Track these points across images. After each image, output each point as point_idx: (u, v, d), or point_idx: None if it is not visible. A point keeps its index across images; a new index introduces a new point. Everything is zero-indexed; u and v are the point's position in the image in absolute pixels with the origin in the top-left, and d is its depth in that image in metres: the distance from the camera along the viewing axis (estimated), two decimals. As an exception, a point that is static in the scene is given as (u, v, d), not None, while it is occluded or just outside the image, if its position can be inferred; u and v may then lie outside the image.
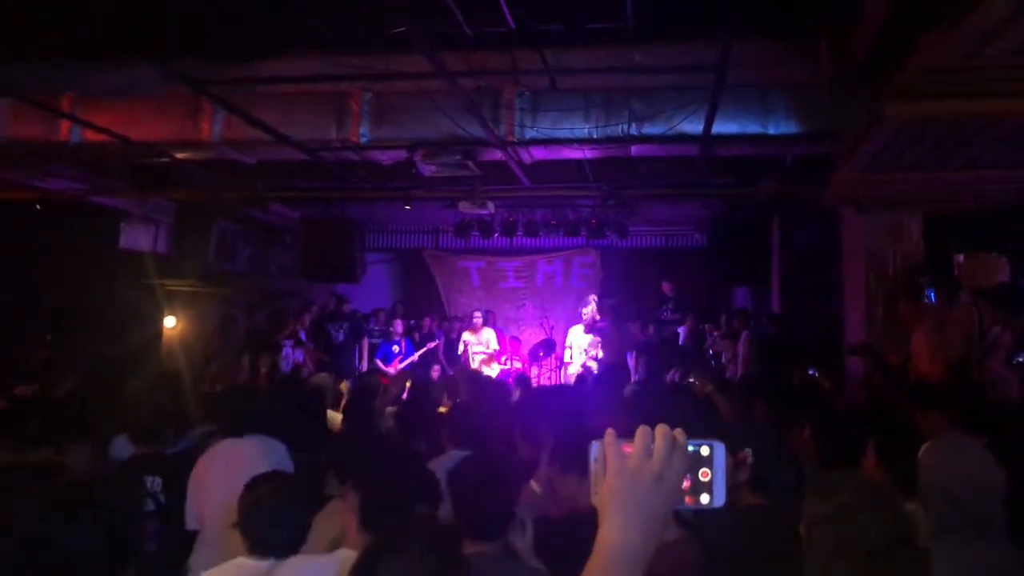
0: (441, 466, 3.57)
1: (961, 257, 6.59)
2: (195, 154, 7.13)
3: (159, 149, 7.01)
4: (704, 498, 1.14)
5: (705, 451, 1.15)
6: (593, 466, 1.14)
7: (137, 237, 9.06)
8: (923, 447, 2.56)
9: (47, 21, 5.49)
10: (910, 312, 6.16)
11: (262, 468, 2.98)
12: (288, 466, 3.70)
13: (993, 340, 5.48)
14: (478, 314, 11.45)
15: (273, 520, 2.61)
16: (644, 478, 1.08)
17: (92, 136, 6.70)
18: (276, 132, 6.32)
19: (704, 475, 1.14)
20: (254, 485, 2.74)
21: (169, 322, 9.97)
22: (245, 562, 2.58)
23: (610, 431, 1.13)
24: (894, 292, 6.71)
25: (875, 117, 5.16)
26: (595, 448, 1.14)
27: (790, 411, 4.47)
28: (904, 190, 6.71)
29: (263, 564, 2.56)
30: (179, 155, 7.19)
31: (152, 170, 8.09)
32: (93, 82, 6.70)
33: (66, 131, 6.77)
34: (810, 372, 6.75)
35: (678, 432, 1.12)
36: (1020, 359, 4.16)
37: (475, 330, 11.26)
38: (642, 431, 1.11)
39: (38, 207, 8.49)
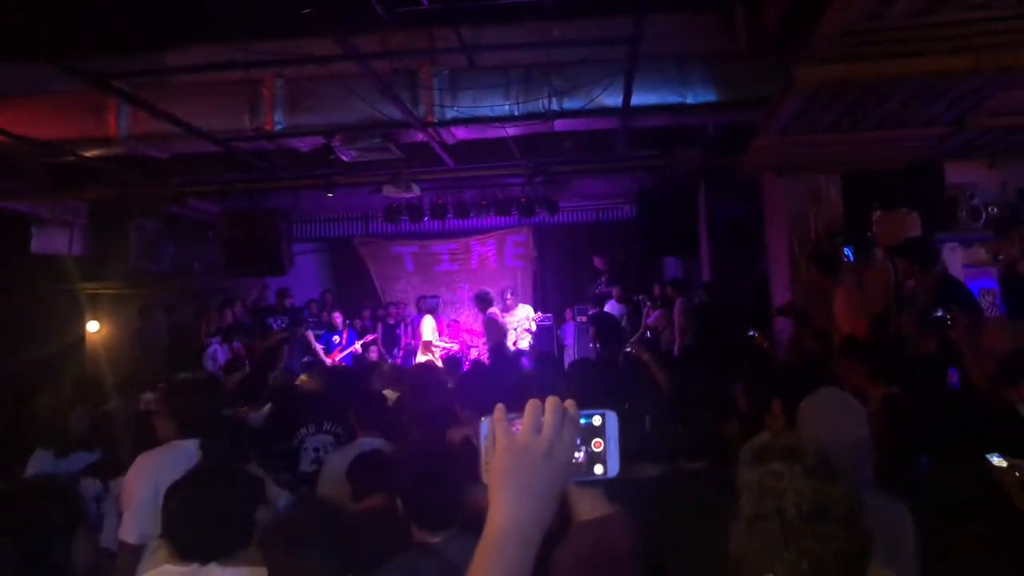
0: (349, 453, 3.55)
1: (878, 214, 6.77)
2: (103, 151, 6.84)
3: (64, 148, 6.70)
4: (598, 469, 1.11)
5: (597, 421, 1.12)
6: (483, 443, 1.10)
7: (50, 241, 8.68)
8: (803, 400, 2.66)
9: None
10: (825, 281, 6.31)
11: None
12: None
13: (908, 295, 5.66)
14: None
15: (200, 523, 2.48)
16: (534, 455, 1.05)
17: (-9, 137, 6.36)
18: (185, 123, 6.10)
19: (597, 446, 1.11)
20: (176, 488, 2.63)
21: (92, 326, 9.62)
22: (170, 569, 2.47)
23: (500, 407, 1.10)
24: (810, 259, 6.86)
25: (787, 83, 5.23)
26: (485, 425, 1.11)
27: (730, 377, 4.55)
28: (821, 152, 6.85)
29: (188, 570, 2.45)
30: (86, 153, 6.89)
31: (61, 170, 7.75)
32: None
33: (-37, 134, 6.41)
34: (750, 333, 6.89)
35: (569, 404, 1.09)
36: (938, 314, 4.29)
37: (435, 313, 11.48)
38: (532, 405, 1.08)
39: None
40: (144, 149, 6.79)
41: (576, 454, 1.10)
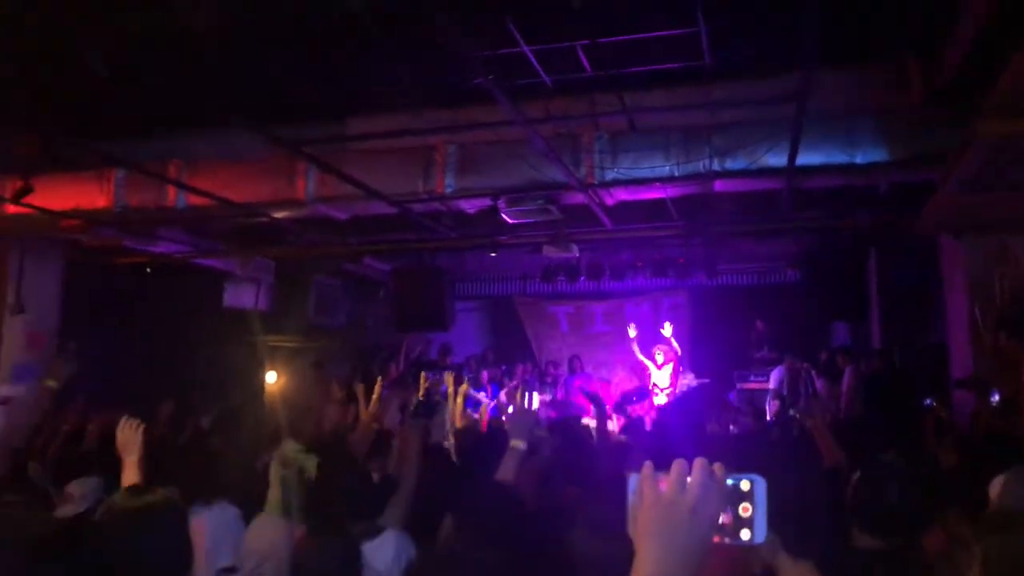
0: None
1: (1073, 278, 6.23)
2: (292, 212, 7.48)
3: (258, 209, 7.39)
4: (744, 534, 1.12)
5: (745, 486, 1.13)
6: (631, 498, 1.15)
7: (240, 295, 9.52)
8: (998, 476, 2.51)
9: (148, 96, 5.91)
10: (1014, 349, 5.84)
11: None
12: None
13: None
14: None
15: None
16: (678, 511, 1.09)
17: (196, 200, 7.11)
18: (366, 187, 6.57)
19: (745, 510, 1.12)
20: None
21: (271, 377, 10.34)
22: None
23: (648, 463, 1.15)
24: (997, 326, 6.37)
25: (968, 137, 4.99)
26: (633, 480, 1.16)
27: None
28: (1004, 212, 6.40)
29: None
30: (276, 214, 7.56)
31: (251, 231, 8.53)
32: (197, 149, 7.17)
33: (173, 196, 7.21)
34: (927, 402, 6.50)
35: (716, 466, 1.13)
36: None
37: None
38: (678, 464, 1.13)
39: (148, 270, 9.04)
40: (327, 210, 7.36)
41: (722, 517, 1.12)
